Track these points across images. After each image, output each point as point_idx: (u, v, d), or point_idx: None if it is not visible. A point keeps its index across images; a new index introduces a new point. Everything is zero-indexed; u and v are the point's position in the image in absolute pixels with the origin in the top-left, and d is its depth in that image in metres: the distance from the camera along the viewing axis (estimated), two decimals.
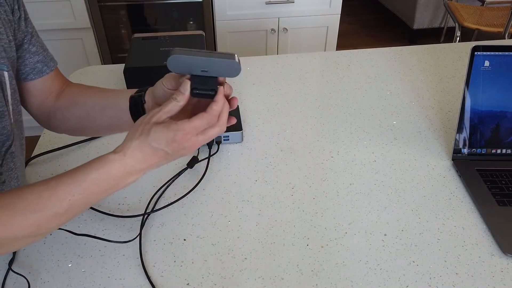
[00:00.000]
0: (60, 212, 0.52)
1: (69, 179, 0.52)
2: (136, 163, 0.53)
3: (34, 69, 0.68)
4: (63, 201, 0.51)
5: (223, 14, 2.10)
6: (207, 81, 0.55)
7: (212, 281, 0.64)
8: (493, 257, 0.67)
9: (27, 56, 0.66)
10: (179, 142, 0.52)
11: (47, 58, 0.70)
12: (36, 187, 0.52)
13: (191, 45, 1.10)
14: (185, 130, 0.52)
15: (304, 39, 2.25)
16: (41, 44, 0.69)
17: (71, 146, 0.89)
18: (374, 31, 3.41)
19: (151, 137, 0.52)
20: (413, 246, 0.69)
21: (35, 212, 0.50)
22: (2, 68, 0.60)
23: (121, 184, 0.54)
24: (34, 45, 0.67)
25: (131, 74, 1.01)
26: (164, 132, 0.52)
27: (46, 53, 0.70)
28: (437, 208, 0.76)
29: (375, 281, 0.64)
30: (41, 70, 0.69)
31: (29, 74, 0.67)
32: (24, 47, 0.66)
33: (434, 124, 0.96)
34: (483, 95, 0.82)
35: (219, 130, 0.55)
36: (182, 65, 0.54)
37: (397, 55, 1.23)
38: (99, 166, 0.52)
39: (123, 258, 0.67)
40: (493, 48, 0.80)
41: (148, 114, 0.54)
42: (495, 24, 2.43)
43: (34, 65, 0.68)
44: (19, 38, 0.65)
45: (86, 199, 0.53)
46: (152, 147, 0.53)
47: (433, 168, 0.84)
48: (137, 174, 0.55)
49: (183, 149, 0.53)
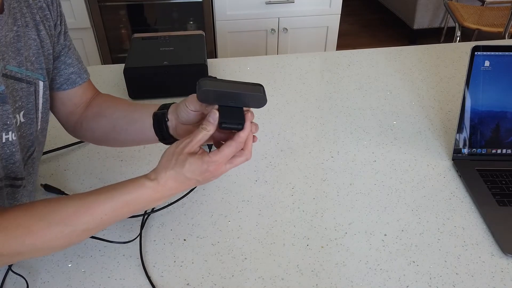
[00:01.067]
0: (91, 227, 0.55)
1: (105, 198, 0.55)
2: (168, 191, 0.56)
3: (68, 80, 0.70)
4: (96, 219, 0.54)
5: (223, 14, 2.10)
6: (234, 112, 0.57)
7: (212, 281, 0.64)
8: (493, 257, 0.67)
9: (62, 67, 0.69)
10: (211, 172, 0.56)
11: (81, 70, 0.72)
12: (72, 202, 0.55)
13: (191, 45, 1.11)
14: (217, 161, 0.55)
15: (304, 39, 2.25)
16: (76, 57, 0.71)
17: (71, 146, 0.89)
18: (374, 31, 3.41)
19: (186, 168, 0.55)
20: (413, 246, 0.69)
21: (70, 226, 0.53)
22: (38, 78, 0.62)
23: (148, 206, 0.58)
24: (70, 57, 0.69)
25: (131, 74, 1.01)
26: (199, 164, 0.55)
27: (80, 65, 0.72)
28: (437, 208, 0.76)
29: (375, 281, 0.64)
30: (74, 81, 0.71)
31: (63, 84, 0.70)
32: (61, 59, 0.68)
33: (434, 124, 0.96)
34: (483, 95, 0.82)
35: (245, 158, 0.58)
36: (211, 97, 0.56)
37: (397, 55, 1.23)
38: (133, 190, 0.55)
39: (123, 258, 0.67)
40: (493, 48, 0.80)
41: (180, 143, 0.56)
42: (495, 24, 2.43)
43: (68, 76, 0.70)
44: (57, 51, 0.67)
45: (115, 217, 0.56)
46: (186, 177, 0.56)
47: (433, 168, 0.84)
48: (166, 199, 0.58)
49: (213, 177, 0.57)
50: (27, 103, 0.61)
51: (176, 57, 1.05)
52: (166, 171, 0.55)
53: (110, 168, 0.84)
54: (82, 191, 0.78)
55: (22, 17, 0.59)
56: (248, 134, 0.57)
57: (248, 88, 0.56)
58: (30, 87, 0.61)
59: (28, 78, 0.60)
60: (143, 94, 1.04)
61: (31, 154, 0.65)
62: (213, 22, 2.14)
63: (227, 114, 0.56)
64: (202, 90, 0.55)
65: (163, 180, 0.55)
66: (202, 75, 1.03)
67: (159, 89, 1.04)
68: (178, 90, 1.05)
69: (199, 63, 1.03)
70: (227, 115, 0.56)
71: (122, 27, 2.24)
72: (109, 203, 0.55)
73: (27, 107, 0.61)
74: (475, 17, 2.49)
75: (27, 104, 0.61)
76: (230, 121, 0.56)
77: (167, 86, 1.04)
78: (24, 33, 0.59)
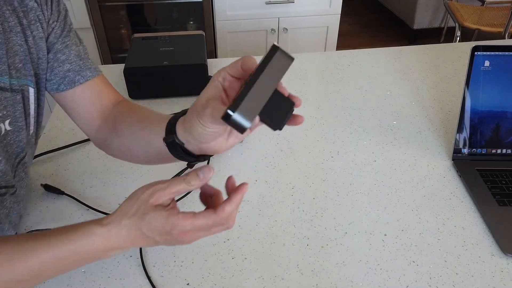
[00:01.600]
0: (27, 279, 0.47)
1: (45, 246, 0.46)
2: (121, 242, 0.47)
3: (64, 79, 0.63)
4: (33, 269, 0.46)
5: (223, 14, 2.10)
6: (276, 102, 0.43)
7: (212, 281, 0.64)
8: (493, 257, 0.67)
9: (55, 65, 0.62)
10: (174, 236, 0.46)
11: (82, 67, 0.64)
12: (6, 246, 0.46)
13: (191, 45, 1.10)
14: (185, 227, 0.45)
15: (304, 39, 2.25)
16: (76, 53, 0.64)
17: (71, 146, 0.89)
18: (374, 31, 3.41)
19: (145, 223, 0.46)
20: (413, 246, 0.69)
21: (1, 276, 0.46)
22: (27, 84, 0.59)
23: (100, 257, 0.48)
24: (64, 53, 0.63)
25: (131, 74, 1.01)
26: (160, 223, 0.45)
27: (81, 62, 0.64)
28: (437, 208, 0.76)
29: (375, 281, 0.64)
30: (72, 80, 0.63)
31: (60, 84, 0.63)
32: (56, 56, 0.63)
33: (434, 124, 0.96)
34: (483, 95, 0.82)
35: (226, 227, 0.48)
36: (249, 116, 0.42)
37: (397, 55, 1.23)
38: (79, 237, 0.46)
39: (123, 258, 0.67)
40: (493, 48, 0.80)
41: (151, 187, 0.47)
42: (495, 24, 2.43)
43: (64, 75, 0.63)
44: (51, 47, 0.62)
45: (59, 269, 0.48)
46: (143, 233, 0.46)
47: (433, 168, 0.84)
48: (120, 250, 0.48)
49: (177, 242, 0.47)
50: (14, 111, 0.57)
51: (176, 57, 1.05)
52: (122, 219, 0.46)
53: (110, 168, 0.84)
54: (82, 191, 0.78)
55: (4, 22, 0.55)
56: (236, 208, 0.47)
57: (266, 65, 0.42)
58: (16, 95, 0.57)
59: (13, 86, 0.56)
60: (143, 94, 1.04)
61: (22, 159, 0.62)
62: (213, 22, 2.14)
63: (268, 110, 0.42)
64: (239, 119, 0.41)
65: (115, 229, 0.46)
66: (202, 75, 1.03)
67: (159, 89, 1.04)
68: (178, 90, 1.05)
69: (199, 63, 1.03)
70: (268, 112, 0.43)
71: (122, 27, 2.24)
72: (49, 251, 0.46)
73: (13, 115, 0.57)
74: (475, 17, 2.49)
75: (14, 112, 0.57)
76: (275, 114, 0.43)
77: (167, 86, 1.04)
78: (8, 39, 0.55)
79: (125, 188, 0.79)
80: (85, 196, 0.78)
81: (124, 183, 0.80)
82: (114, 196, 0.78)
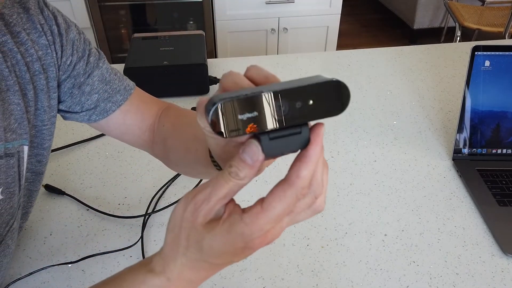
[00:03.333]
0: None
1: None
2: (187, 284, 0.36)
3: (96, 109, 0.59)
4: None
5: (223, 14, 2.09)
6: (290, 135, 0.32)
7: (212, 281, 0.64)
8: (493, 257, 0.67)
9: (83, 100, 0.58)
10: (254, 245, 0.33)
11: (112, 92, 0.59)
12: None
13: (191, 45, 1.10)
14: (261, 229, 0.32)
15: (304, 39, 2.25)
16: (100, 78, 0.59)
17: (71, 146, 0.89)
18: (375, 31, 3.41)
19: (206, 251, 0.33)
20: (413, 246, 0.69)
21: None
22: (22, 144, 0.53)
23: None
24: (88, 84, 0.58)
25: (131, 74, 1.01)
26: (225, 243, 0.32)
27: (108, 87, 0.59)
28: (437, 208, 0.76)
29: (376, 281, 0.64)
30: (105, 109, 0.59)
31: (91, 115, 0.59)
32: (80, 89, 0.58)
33: (434, 124, 0.96)
34: (484, 95, 0.82)
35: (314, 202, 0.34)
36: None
37: (397, 55, 1.23)
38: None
39: (123, 258, 0.67)
40: (494, 48, 0.80)
41: (189, 204, 0.33)
42: (495, 24, 2.42)
43: (96, 105, 0.59)
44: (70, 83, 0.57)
45: None
46: (211, 263, 0.34)
47: (433, 168, 0.84)
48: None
49: (261, 246, 0.33)
50: (7, 177, 0.51)
51: (176, 57, 1.05)
52: (177, 259, 0.34)
53: (110, 168, 0.84)
54: (82, 191, 0.78)
55: (2, 81, 0.50)
56: (314, 166, 0.32)
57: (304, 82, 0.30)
58: (11, 159, 0.51)
59: (8, 151, 0.51)
60: None
61: (11, 227, 0.55)
62: (213, 22, 2.14)
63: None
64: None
65: (175, 274, 0.35)
66: (202, 75, 1.03)
67: (159, 89, 1.04)
68: (178, 90, 1.05)
69: (199, 63, 1.03)
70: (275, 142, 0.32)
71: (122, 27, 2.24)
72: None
73: (6, 182, 0.51)
74: (475, 17, 2.49)
75: (7, 179, 0.51)
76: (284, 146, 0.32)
77: (167, 86, 1.04)
78: (3, 99, 0.50)
79: (125, 188, 0.79)
80: (85, 196, 0.78)
81: (124, 183, 0.80)
82: (114, 196, 0.78)
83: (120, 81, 0.61)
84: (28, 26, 0.52)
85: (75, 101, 0.59)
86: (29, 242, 0.69)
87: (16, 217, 0.56)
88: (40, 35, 0.53)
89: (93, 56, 0.60)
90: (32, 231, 0.71)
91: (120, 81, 0.61)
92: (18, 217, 0.57)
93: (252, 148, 0.31)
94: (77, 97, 0.58)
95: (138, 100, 0.62)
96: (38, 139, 0.56)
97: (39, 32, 0.53)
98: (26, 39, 0.52)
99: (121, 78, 0.62)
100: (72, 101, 0.59)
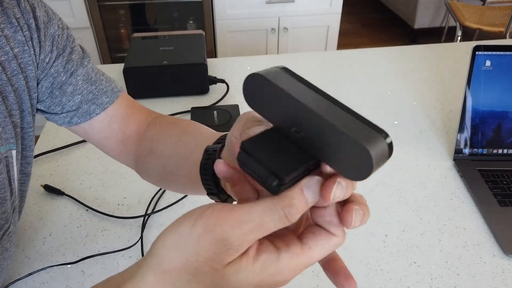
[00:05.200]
0: None
1: None
2: None
3: (77, 111, 0.55)
4: None
5: (223, 13, 2.09)
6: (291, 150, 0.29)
7: None
8: (494, 258, 0.67)
9: (64, 101, 0.54)
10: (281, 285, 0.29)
11: (97, 93, 0.55)
12: None
13: (191, 45, 1.10)
14: (296, 270, 0.29)
15: (304, 38, 2.25)
16: (84, 78, 0.55)
17: (70, 146, 0.89)
18: (375, 30, 3.40)
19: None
20: (414, 246, 0.69)
21: None
22: (10, 148, 0.50)
23: None
24: (71, 83, 0.54)
25: (130, 73, 1.01)
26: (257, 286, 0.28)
27: (94, 87, 0.55)
28: (438, 209, 0.75)
29: (376, 282, 0.63)
30: (87, 111, 0.55)
31: (72, 117, 0.55)
32: (61, 89, 0.54)
33: (435, 124, 0.96)
34: (485, 95, 0.82)
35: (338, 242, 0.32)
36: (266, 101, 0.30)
37: (398, 55, 1.22)
38: None
39: (122, 258, 0.67)
40: (494, 47, 0.79)
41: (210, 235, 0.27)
42: (496, 24, 2.42)
43: (78, 106, 0.54)
44: (49, 82, 0.53)
45: None
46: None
47: (434, 169, 0.84)
48: None
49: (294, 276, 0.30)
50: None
51: (175, 56, 1.05)
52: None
53: (109, 169, 0.83)
54: (81, 192, 0.78)
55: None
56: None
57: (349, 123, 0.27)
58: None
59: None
60: (143, 93, 1.04)
61: (6, 230, 0.53)
62: (213, 22, 2.13)
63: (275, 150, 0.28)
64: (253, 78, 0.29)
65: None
66: (202, 75, 1.03)
67: (159, 88, 1.04)
68: (178, 89, 1.04)
69: (199, 62, 1.03)
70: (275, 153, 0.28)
71: (122, 27, 2.24)
72: None
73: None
74: (476, 16, 2.49)
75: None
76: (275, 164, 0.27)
77: (166, 86, 1.04)
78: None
79: (124, 188, 0.79)
80: (84, 196, 0.77)
81: (124, 184, 0.80)
82: (114, 197, 0.77)
83: (107, 82, 0.57)
84: (2, 21, 0.47)
85: (55, 102, 0.54)
86: (28, 243, 0.69)
87: (12, 221, 0.53)
88: (16, 30, 0.48)
89: (76, 53, 0.55)
90: (31, 231, 0.71)
91: (107, 82, 0.57)
92: (15, 220, 0.55)
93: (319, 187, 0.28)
94: (57, 97, 0.54)
95: (125, 104, 0.58)
96: (26, 141, 0.53)
97: (15, 27, 0.48)
98: (0, 35, 0.47)
99: (108, 79, 0.58)
100: (52, 101, 0.54)
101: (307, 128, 0.27)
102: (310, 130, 0.27)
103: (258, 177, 0.27)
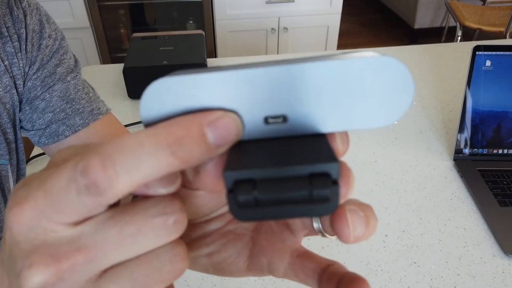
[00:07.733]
0: None
1: None
2: None
3: (46, 131, 0.49)
4: None
5: (223, 13, 2.09)
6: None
7: (212, 282, 0.63)
8: (494, 258, 0.67)
9: (35, 118, 0.49)
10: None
11: (71, 114, 0.49)
12: None
13: (191, 45, 1.10)
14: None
15: (304, 38, 2.25)
16: (62, 93, 0.49)
17: None
18: (375, 30, 3.40)
19: None
20: (414, 247, 0.69)
21: None
22: (3, 164, 0.47)
23: None
24: (44, 99, 0.48)
25: (130, 73, 1.01)
26: None
27: (69, 105, 0.49)
28: (438, 209, 0.75)
29: (376, 282, 0.63)
30: (56, 132, 0.49)
31: (41, 137, 0.50)
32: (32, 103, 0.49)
33: (435, 124, 0.96)
34: (485, 95, 0.82)
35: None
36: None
37: (398, 55, 1.22)
38: None
39: None
40: (495, 47, 0.79)
41: None
42: (496, 24, 2.42)
43: (47, 126, 0.49)
44: (26, 94, 0.49)
45: None
46: None
47: (434, 169, 0.84)
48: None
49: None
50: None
51: (175, 56, 1.05)
52: None
53: None
54: None
55: None
56: None
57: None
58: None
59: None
60: None
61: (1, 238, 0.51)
62: (213, 22, 2.13)
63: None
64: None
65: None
66: None
67: None
68: None
69: (198, 62, 1.02)
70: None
71: (121, 27, 2.24)
72: None
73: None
74: (476, 16, 2.49)
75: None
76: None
77: None
78: None
79: None
80: None
81: None
82: None
83: (88, 102, 0.51)
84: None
85: (26, 118, 0.49)
86: None
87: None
88: (5, 42, 0.45)
89: (63, 67, 0.50)
90: None
91: (89, 102, 0.51)
92: None
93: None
94: (28, 113, 0.49)
95: (104, 128, 0.52)
96: (19, 155, 0.51)
97: (4, 38, 0.45)
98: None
99: (92, 100, 0.52)
100: (24, 117, 0.50)
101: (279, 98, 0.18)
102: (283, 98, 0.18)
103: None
